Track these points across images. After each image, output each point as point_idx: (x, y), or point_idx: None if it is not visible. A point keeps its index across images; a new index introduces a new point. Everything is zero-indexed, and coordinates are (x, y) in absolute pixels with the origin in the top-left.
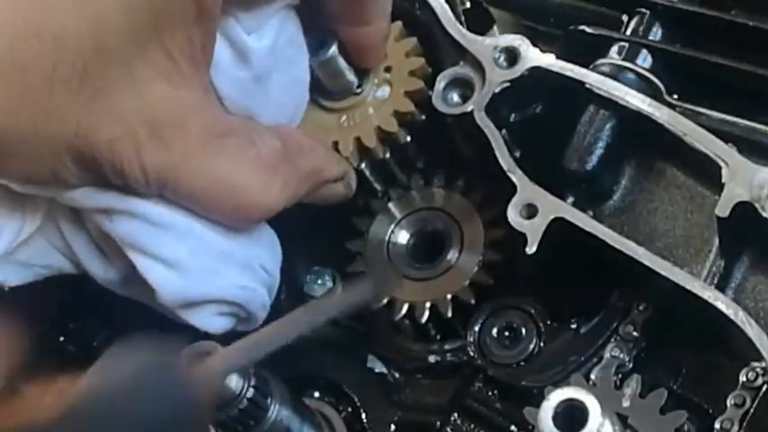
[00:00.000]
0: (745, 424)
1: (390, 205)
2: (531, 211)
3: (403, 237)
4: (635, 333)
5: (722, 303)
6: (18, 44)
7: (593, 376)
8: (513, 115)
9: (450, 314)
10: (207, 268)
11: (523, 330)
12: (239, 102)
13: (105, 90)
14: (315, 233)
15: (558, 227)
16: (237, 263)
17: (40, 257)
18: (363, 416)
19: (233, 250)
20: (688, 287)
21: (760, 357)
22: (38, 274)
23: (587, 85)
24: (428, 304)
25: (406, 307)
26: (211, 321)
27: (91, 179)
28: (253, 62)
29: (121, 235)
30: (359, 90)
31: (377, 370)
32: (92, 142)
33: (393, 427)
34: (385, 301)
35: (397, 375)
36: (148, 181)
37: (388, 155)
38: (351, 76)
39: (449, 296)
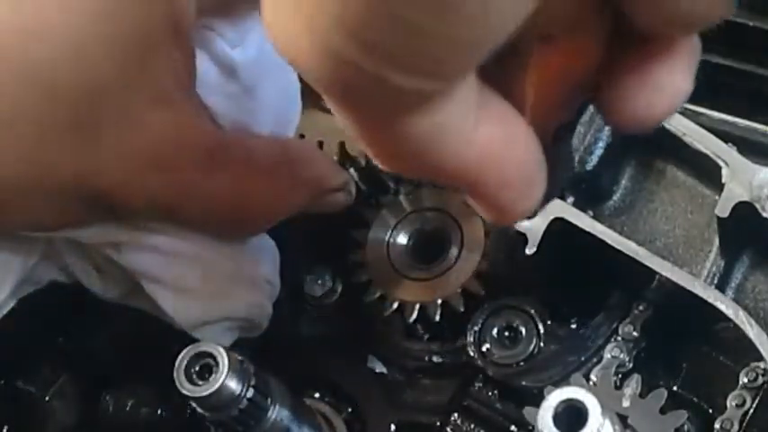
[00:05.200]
0: (745, 424)
1: (386, 208)
2: None
3: (403, 237)
4: (635, 333)
5: (722, 303)
6: (7, 96)
7: (593, 376)
8: None
9: (462, 308)
10: (218, 292)
11: (523, 330)
12: (232, 116)
13: (99, 130)
14: (316, 231)
15: (558, 227)
16: (246, 282)
17: (39, 276)
18: (363, 416)
19: (241, 272)
20: (688, 287)
21: (760, 357)
22: (36, 285)
23: None
24: (426, 303)
25: (417, 307)
26: (221, 336)
27: (97, 218)
28: (241, 75)
29: (131, 265)
30: None
31: (377, 370)
32: (94, 184)
33: (393, 427)
34: (396, 305)
35: (397, 375)
36: (156, 210)
37: None
38: None
39: (438, 301)
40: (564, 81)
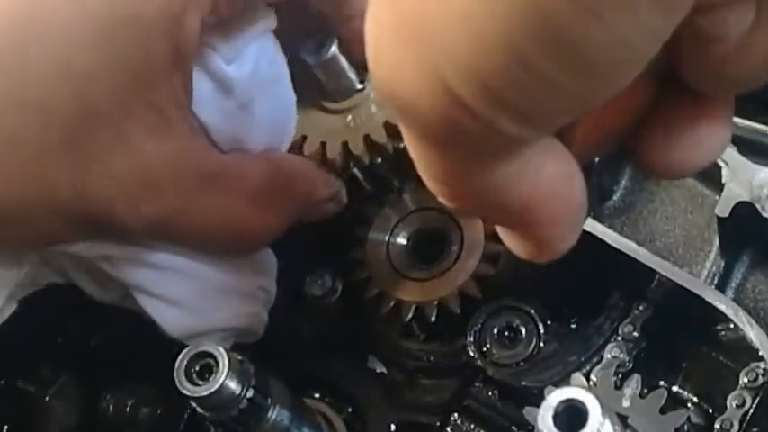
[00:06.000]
0: (744, 424)
1: (389, 207)
2: None
3: (403, 237)
4: (635, 333)
5: (722, 303)
6: (3, 116)
7: (593, 376)
8: None
9: (458, 310)
10: (211, 304)
11: (523, 330)
12: (228, 131)
13: (97, 153)
14: (316, 232)
15: None
16: (241, 294)
17: (37, 279)
18: (363, 416)
19: (236, 284)
20: (688, 287)
21: (760, 357)
22: (35, 287)
23: None
24: (423, 304)
25: (413, 307)
26: (217, 344)
27: (90, 235)
28: (236, 91)
29: (124, 277)
30: (361, 87)
31: (377, 370)
32: (88, 204)
33: (393, 427)
34: (392, 304)
35: (396, 375)
36: (148, 231)
37: (401, 144)
38: (352, 75)
39: (435, 302)
40: (608, 128)
